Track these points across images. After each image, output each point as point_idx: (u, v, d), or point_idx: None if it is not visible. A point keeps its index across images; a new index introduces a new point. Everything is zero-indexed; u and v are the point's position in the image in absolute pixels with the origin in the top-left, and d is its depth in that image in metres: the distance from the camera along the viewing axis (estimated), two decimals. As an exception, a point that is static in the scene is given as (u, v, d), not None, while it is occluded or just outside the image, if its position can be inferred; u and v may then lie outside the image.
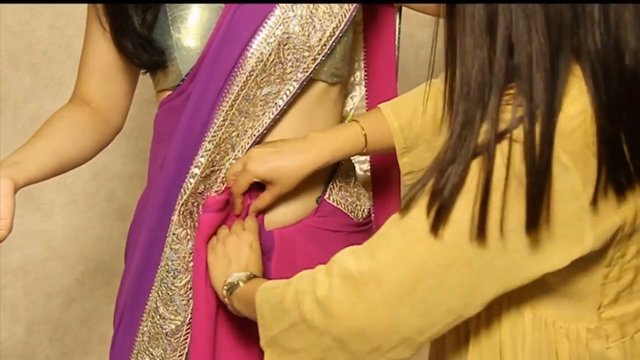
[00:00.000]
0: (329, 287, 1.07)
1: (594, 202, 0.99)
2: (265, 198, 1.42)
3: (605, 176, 0.99)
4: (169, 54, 1.42)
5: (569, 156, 0.97)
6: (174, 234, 1.44)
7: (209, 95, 1.40)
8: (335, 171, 1.53)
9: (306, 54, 1.40)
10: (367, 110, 1.59)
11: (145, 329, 1.49)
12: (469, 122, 0.99)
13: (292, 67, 1.40)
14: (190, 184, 1.41)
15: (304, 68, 1.40)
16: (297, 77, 1.40)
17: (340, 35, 1.41)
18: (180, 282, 1.46)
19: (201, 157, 1.40)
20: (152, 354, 1.49)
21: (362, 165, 1.62)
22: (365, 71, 1.59)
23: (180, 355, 1.48)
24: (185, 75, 1.42)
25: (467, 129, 0.99)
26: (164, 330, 1.47)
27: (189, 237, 1.44)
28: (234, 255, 1.37)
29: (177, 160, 1.42)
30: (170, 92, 1.45)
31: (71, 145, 1.45)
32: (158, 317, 1.47)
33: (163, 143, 1.47)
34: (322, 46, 1.40)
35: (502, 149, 0.97)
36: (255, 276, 1.33)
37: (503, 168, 0.97)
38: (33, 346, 2.36)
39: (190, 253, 1.45)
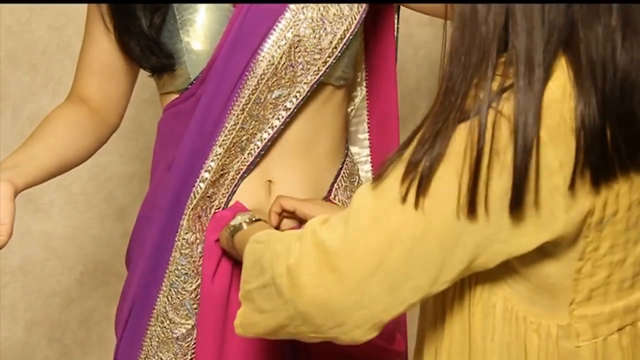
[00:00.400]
0: (299, 254, 1.05)
1: (572, 184, 0.98)
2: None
3: (583, 159, 0.98)
4: (178, 58, 1.41)
5: (546, 131, 0.97)
6: (183, 239, 1.43)
7: (220, 99, 1.39)
8: (340, 172, 1.53)
9: (317, 56, 1.39)
10: (367, 111, 1.59)
11: (153, 333, 1.48)
12: (454, 95, 0.99)
13: (303, 70, 1.39)
14: (201, 188, 1.41)
15: (315, 71, 1.40)
16: (307, 80, 1.40)
17: (351, 37, 1.41)
18: (191, 286, 1.45)
19: (212, 161, 1.40)
20: (161, 359, 1.48)
21: (363, 166, 1.62)
22: (366, 71, 1.59)
23: (191, 358, 1.47)
24: (194, 79, 1.41)
25: (451, 98, 0.99)
26: (174, 335, 1.47)
27: (198, 240, 1.44)
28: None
29: (186, 165, 1.42)
30: (177, 95, 1.45)
31: (70, 145, 1.44)
32: (168, 321, 1.47)
33: (169, 145, 1.46)
34: (332, 49, 1.40)
35: (489, 118, 0.97)
36: (259, 219, 1.33)
37: (489, 140, 0.97)
38: (32, 346, 2.36)
39: (200, 257, 1.44)
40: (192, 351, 1.47)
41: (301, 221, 1.41)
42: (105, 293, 2.36)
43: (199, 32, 1.41)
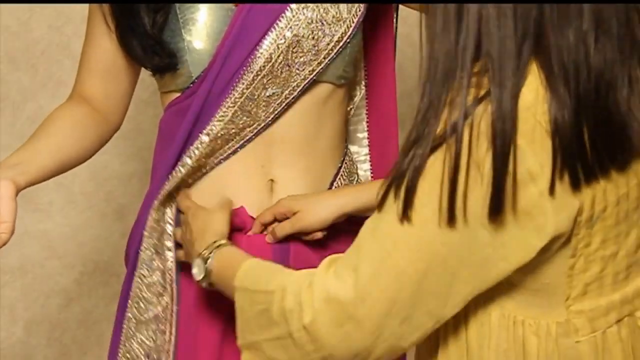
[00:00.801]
0: (314, 314, 1.06)
1: (552, 185, 0.98)
2: (285, 227, 1.43)
3: (561, 162, 0.98)
4: (180, 57, 1.42)
5: (523, 137, 0.97)
6: (154, 218, 1.45)
7: (214, 94, 1.40)
8: (339, 170, 1.54)
9: (313, 57, 1.40)
10: (366, 110, 1.60)
11: (131, 315, 1.49)
12: (433, 105, 1.00)
13: (298, 69, 1.40)
14: (181, 172, 1.42)
15: (310, 71, 1.41)
16: (301, 79, 1.41)
17: (348, 40, 1.42)
18: (161, 263, 1.46)
19: (196, 148, 1.41)
20: (140, 339, 1.49)
21: (362, 165, 1.62)
22: (366, 70, 1.59)
23: (169, 337, 1.47)
24: (196, 78, 1.42)
25: (431, 112, 1.00)
26: (150, 315, 1.47)
27: (165, 217, 1.46)
28: (202, 225, 1.37)
29: (175, 154, 1.43)
30: (178, 94, 1.45)
31: (72, 145, 1.45)
32: (143, 301, 1.47)
33: (170, 144, 1.46)
34: (329, 50, 1.41)
35: (465, 132, 0.97)
36: (214, 254, 1.30)
37: (467, 151, 0.97)
38: (31, 346, 2.36)
39: (164, 232, 1.46)
40: (170, 330, 1.47)
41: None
42: (105, 293, 2.36)
43: (201, 31, 1.41)
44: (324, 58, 1.41)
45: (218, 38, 1.40)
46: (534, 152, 0.97)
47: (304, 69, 1.40)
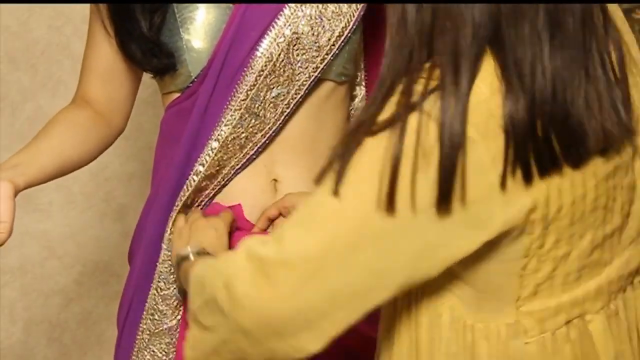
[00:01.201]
0: (235, 269, 1.06)
1: (503, 179, 0.98)
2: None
3: (513, 154, 0.98)
4: (179, 56, 1.42)
5: (475, 129, 0.96)
6: (172, 232, 1.43)
7: (218, 95, 1.40)
8: None
9: (315, 54, 1.40)
10: None
11: (145, 327, 1.48)
12: (381, 90, 1.00)
13: (301, 67, 1.40)
14: (194, 181, 1.41)
15: (313, 68, 1.40)
16: (305, 77, 1.40)
17: (349, 35, 1.42)
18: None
19: (206, 155, 1.40)
20: (153, 351, 1.48)
21: None
22: (365, 71, 1.59)
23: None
24: (195, 77, 1.42)
25: (379, 96, 1.00)
26: (164, 327, 1.47)
27: None
28: (195, 234, 1.36)
29: (184, 159, 1.42)
30: (178, 95, 1.45)
31: (73, 147, 1.45)
32: (158, 313, 1.47)
33: (171, 144, 1.47)
34: (330, 46, 1.41)
35: (414, 119, 0.97)
36: (208, 254, 1.31)
37: (414, 139, 0.97)
38: (31, 346, 2.36)
39: None
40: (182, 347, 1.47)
41: None
42: (104, 293, 2.36)
43: (199, 30, 1.41)
44: (327, 54, 1.40)
45: (216, 37, 1.40)
46: (486, 144, 0.97)
47: (307, 67, 1.40)
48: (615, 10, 1.11)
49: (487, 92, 0.98)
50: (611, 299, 1.10)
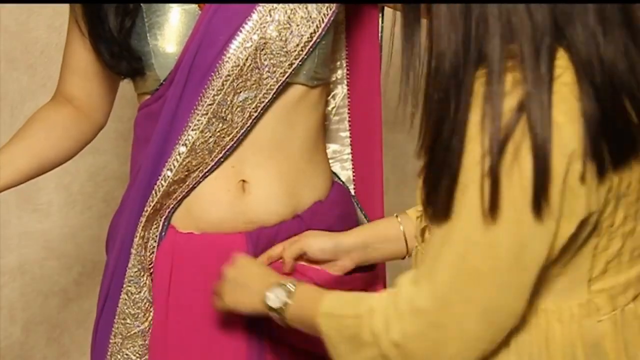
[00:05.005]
0: (402, 328, 1.07)
1: (584, 165, 1.00)
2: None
3: (591, 143, 1.00)
4: (146, 60, 1.42)
5: (563, 114, 0.99)
6: (140, 237, 1.45)
7: (185, 100, 1.40)
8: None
9: (283, 59, 1.39)
10: (348, 109, 1.59)
11: (117, 331, 1.49)
12: (444, 100, 1.02)
13: (269, 72, 1.39)
14: (162, 186, 1.42)
15: (281, 73, 1.40)
16: (273, 82, 1.40)
17: (319, 40, 1.41)
18: (149, 280, 1.47)
19: (174, 159, 1.41)
20: (126, 354, 1.49)
21: (345, 164, 1.61)
22: (348, 70, 1.58)
23: None
24: (164, 81, 1.42)
25: (445, 107, 1.02)
26: (137, 330, 1.48)
27: (151, 236, 1.46)
28: (244, 278, 1.35)
29: (153, 165, 1.43)
30: (148, 96, 1.46)
31: (50, 146, 1.48)
32: (130, 317, 1.48)
33: (142, 146, 1.48)
34: (299, 51, 1.40)
35: (503, 119, 0.99)
36: (294, 286, 1.28)
37: (505, 137, 0.98)
38: (30, 346, 2.36)
39: (153, 251, 1.46)
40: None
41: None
42: (104, 293, 2.36)
43: (166, 35, 1.42)
44: (295, 59, 1.40)
45: (184, 42, 1.41)
46: (574, 126, 0.99)
47: (274, 72, 1.39)
48: None
49: (568, 79, 1.00)
50: None
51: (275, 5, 1.39)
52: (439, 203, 1.03)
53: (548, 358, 1.08)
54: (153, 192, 1.42)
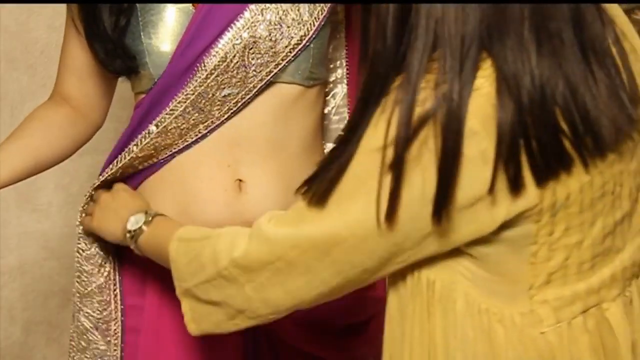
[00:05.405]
0: (246, 249, 1.11)
1: (494, 179, 0.99)
2: None
3: (505, 156, 0.99)
4: (140, 59, 1.43)
5: (477, 120, 0.98)
6: (92, 199, 1.48)
7: (170, 89, 1.41)
8: None
9: (270, 59, 1.40)
10: (348, 109, 1.59)
11: (74, 290, 1.53)
12: (369, 96, 1.03)
13: (255, 71, 1.40)
14: (125, 158, 1.43)
15: (267, 72, 1.40)
16: (257, 80, 1.40)
17: (308, 44, 1.41)
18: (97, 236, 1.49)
19: (143, 137, 1.41)
20: (87, 312, 1.51)
21: None
22: (347, 69, 1.58)
23: (114, 308, 1.51)
24: (158, 79, 1.42)
25: (367, 101, 1.03)
26: (92, 286, 1.51)
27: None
28: (115, 203, 1.41)
29: (125, 141, 1.45)
30: (144, 95, 1.46)
31: (46, 146, 1.49)
32: (85, 274, 1.51)
33: None
34: (287, 53, 1.40)
35: (416, 123, 0.99)
36: (154, 215, 1.36)
37: (417, 143, 0.99)
38: (30, 346, 2.35)
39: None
40: (115, 299, 1.50)
41: None
42: (104, 293, 2.36)
43: (160, 34, 1.42)
44: (282, 60, 1.40)
45: (177, 40, 1.41)
46: (487, 132, 0.98)
47: (260, 71, 1.40)
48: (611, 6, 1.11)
49: (488, 87, 0.99)
50: (626, 285, 1.11)
51: (267, 5, 1.39)
52: (321, 187, 1.05)
53: (493, 357, 1.08)
54: (115, 161, 1.44)
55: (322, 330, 1.49)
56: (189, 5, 1.43)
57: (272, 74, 1.40)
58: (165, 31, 1.42)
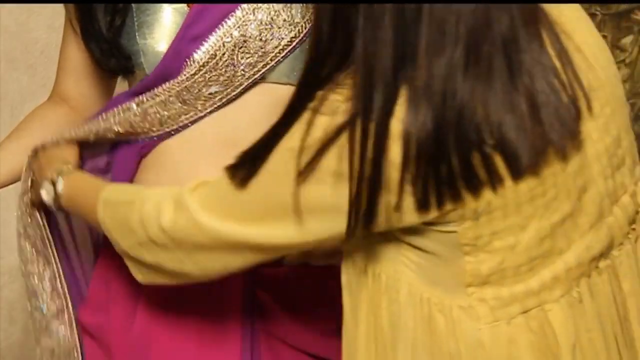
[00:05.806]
0: (173, 220, 1.14)
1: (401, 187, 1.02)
2: None
3: (415, 170, 1.01)
4: (136, 59, 1.43)
5: (398, 122, 0.99)
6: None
7: (157, 80, 1.41)
8: None
9: (259, 59, 1.40)
10: None
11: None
12: (295, 101, 1.08)
13: (244, 70, 1.40)
14: (100, 125, 1.42)
15: (255, 71, 1.40)
16: (244, 79, 1.40)
17: (298, 45, 1.41)
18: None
19: (122, 109, 1.40)
20: (29, 234, 1.54)
21: None
22: None
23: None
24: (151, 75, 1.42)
25: (293, 109, 1.08)
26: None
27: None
28: (50, 155, 1.42)
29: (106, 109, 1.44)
30: None
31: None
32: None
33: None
34: (276, 53, 1.40)
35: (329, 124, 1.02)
36: (63, 174, 1.36)
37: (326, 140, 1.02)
38: (30, 347, 2.34)
39: None
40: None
41: None
42: (104, 293, 2.36)
43: (155, 34, 1.42)
44: (271, 60, 1.40)
45: (171, 40, 1.41)
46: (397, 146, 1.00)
47: (249, 70, 1.40)
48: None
49: (403, 115, 0.99)
50: (572, 286, 1.09)
51: (259, 5, 1.39)
52: (243, 171, 1.11)
53: (431, 346, 1.08)
54: (90, 123, 1.44)
55: (322, 330, 1.49)
56: (184, 6, 1.43)
57: (259, 73, 1.40)
58: (160, 31, 1.42)
